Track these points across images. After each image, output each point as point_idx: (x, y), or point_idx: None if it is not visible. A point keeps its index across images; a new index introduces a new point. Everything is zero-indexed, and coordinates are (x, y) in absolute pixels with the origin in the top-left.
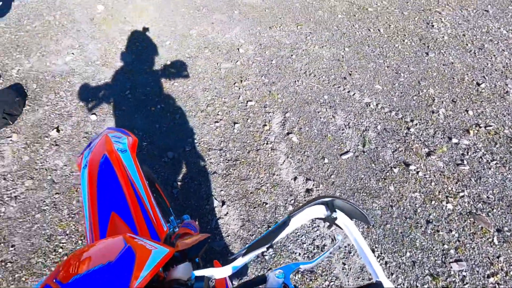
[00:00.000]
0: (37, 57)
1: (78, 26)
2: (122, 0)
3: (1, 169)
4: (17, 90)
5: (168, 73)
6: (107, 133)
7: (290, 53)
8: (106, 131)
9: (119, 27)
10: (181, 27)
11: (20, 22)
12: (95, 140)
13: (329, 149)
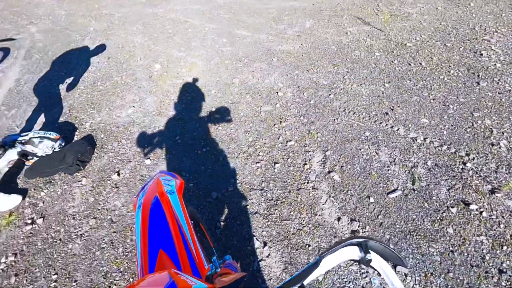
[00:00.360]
0: (106, 111)
1: (139, 83)
2: (175, 58)
3: (71, 209)
4: (88, 140)
5: (213, 118)
6: (158, 176)
7: (328, 92)
8: (158, 175)
9: (172, 81)
10: (225, 77)
11: (94, 83)
12: (149, 183)
13: (375, 188)
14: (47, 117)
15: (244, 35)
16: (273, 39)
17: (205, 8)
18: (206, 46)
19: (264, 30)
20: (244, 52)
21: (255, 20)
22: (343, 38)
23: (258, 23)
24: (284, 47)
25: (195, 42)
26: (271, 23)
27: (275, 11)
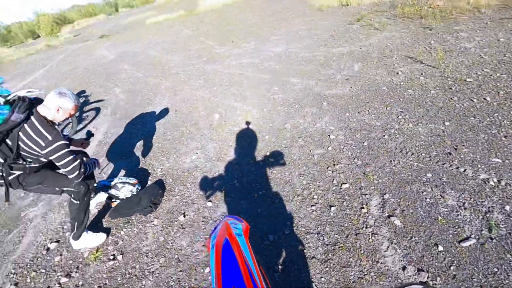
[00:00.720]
0: (174, 158)
1: (201, 131)
2: (232, 108)
3: (145, 247)
4: (159, 184)
5: (268, 162)
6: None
7: (382, 133)
8: (226, 218)
9: (230, 129)
10: (277, 122)
11: (164, 134)
12: (218, 226)
13: (443, 235)
14: (127, 165)
15: (294, 82)
16: (322, 84)
17: (257, 61)
18: (259, 95)
19: (313, 76)
20: (295, 98)
21: (304, 68)
22: (394, 78)
23: (307, 70)
24: (333, 91)
25: (249, 92)
26: (320, 69)
27: (323, 57)
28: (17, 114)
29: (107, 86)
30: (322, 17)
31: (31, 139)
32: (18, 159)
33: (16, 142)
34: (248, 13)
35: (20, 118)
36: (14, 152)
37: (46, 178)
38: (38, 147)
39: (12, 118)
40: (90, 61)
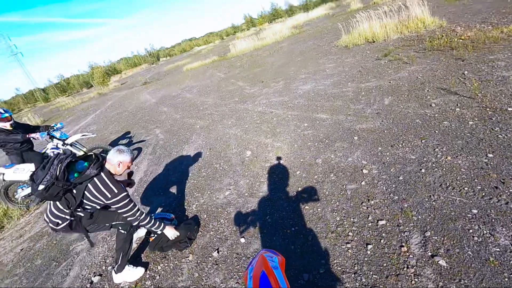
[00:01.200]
0: (208, 194)
1: (234, 168)
2: (263, 144)
3: (180, 283)
4: (195, 220)
5: (300, 198)
6: (263, 253)
7: (419, 167)
8: (262, 252)
9: (261, 165)
10: (308, 158)
11: (199, 171)
12: (255, 259)
13: (497, 277)
14: (164, 200)
15: (323, 118)
16: (352, 119)
17: (286, 99)
18: (289, 131)
19: (342, 111)
20: (325, 133)
21: (333, 104)
22: (428, 111)
23: (336, 106)
24: (364, 125)
25: (279, 129)
26: (349, 104)
27: (351, 93)
28: (92, 170)
29: (148, 128)
30: (348, 54)
31: (99, 191)
32: (78, 207)
33: (82, 192)
34: (276, 56)
35: (94, 173)
36: (77, 201)
37: (98, 217)
38: (104, 197)
39: (87, 172)
40: (134, 106)
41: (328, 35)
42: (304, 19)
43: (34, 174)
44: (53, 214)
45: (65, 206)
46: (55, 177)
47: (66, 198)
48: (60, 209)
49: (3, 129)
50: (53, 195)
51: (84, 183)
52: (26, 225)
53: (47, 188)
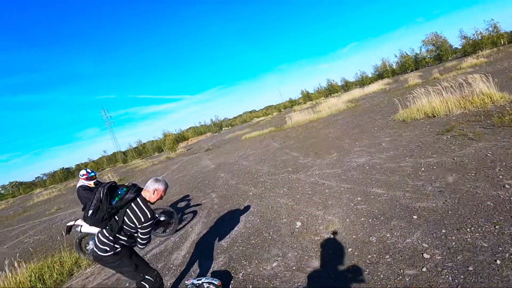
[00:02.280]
0: (255, 264)
1: (283, 239)
2: (313, 216)
3: None
4: None
5: (350, 278)
6: None
7: (492, 257)
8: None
9: (311, 238)
10: (361, 235)
11: (248, 238)
12: None
13: None
14: (213, 265)
15: (378, 193)
16: (411, 196)
17: (340, 171)
18: (341, 205)
19: (400, 187)
20: (380, 209)
21: (389, 178)
22: (501, 192)
23: (392, 181)
24: (424, 204)
25: (331, 201)
26: (407, 180)
27: (410, 168)
28: (130, 194)
29: (205, 191)
30: (406, 129)
31: (135, 214)
32: (120, 232)
33: (122, 217)
34: (331, 128)
35: (131, 197)
36: (119, 224)
37: (138, 261)
38: (138, 221)
39: (126, 196)
40: (196, 170)
41: (384, 110)
42: (360, 93)
43: (85, 205)
44: (101, 241)
45: (109, 232)
46: (99, 200)
47: (111, 224)
48: (106, 236)
49: (88, 187)
50: (99, 219)
51: (124, 208)
52: (91, 275)
53: (94, 213)
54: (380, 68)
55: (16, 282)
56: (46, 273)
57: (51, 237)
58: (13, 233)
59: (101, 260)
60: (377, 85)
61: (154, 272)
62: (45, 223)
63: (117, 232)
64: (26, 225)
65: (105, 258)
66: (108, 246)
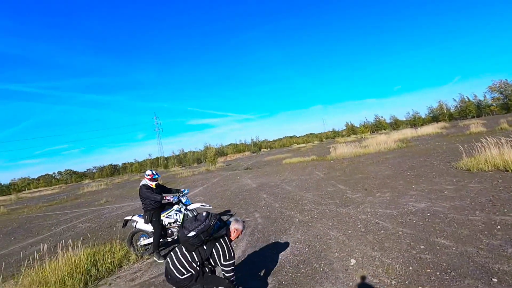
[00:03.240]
0: None
1: (336, 274)
2: (370, 257)
3: None
4: None
5: None
6: None
7: None
8: None
9: (369, 279)
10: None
11: (297, 266)
12: None
13: None
14: (261, 286)
15: (445, 244)
16: (487, 255)
17: (395, 213)
18: (401, 250)
19: (471, 243)
20: (449, 263)
21: (456, 231)
22: None
23: (461, 234)
24: (505, 267)
25: (388, 244)
26: (479, 236)
27: (481, 223)
28: (223, 230)
29: (247, 210)
30: (472, 179)
31: (223, 251)
32: (204, 262)
33: (211, 249)
34: (380, 166)
35: (223, 234)
36: (208, 254)
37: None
38: (223, 258)
39: (220, 231)
40: (236, 187)
41: (443, 155)
42: (412, 134)
43: (184, 222)
44: (181, 263)
45: (197, 257)
46: (208, 227)
47: (199, 251)
48: (189, 260)
49: (150, 187)
50: (195, 244)
51: (213, 241)
52: (138, 270)
53: (196, 236)
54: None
55: (73, 262)
56: (99, 260)
57: (101, 227)
58: (66, 217)
59: (176, 281)
60: (431, 127)
61: (225, 281)
62: (94, 213)
63: (204, 261)
64: (77, 211)
65: (180, 280)
66: (187, 270)
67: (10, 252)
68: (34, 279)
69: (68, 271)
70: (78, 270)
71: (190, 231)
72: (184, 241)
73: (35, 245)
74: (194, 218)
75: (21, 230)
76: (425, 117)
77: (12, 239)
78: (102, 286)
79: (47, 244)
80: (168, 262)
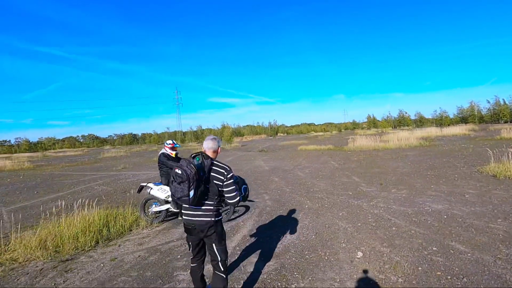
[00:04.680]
0: (308, 280)
1: (341, 264)
2: (378, 252)
3: None
4: None
5: None
6: None
7: None
8: None
9: (374, 274)
10: None
11: (302, 252)
12: None
13: None
14: (264, 267)
15: (460, 249)
16: (505, 266)
17: (410, 211)
18: (412, 249)
19: (489, 251)
20: (462, 269)
21: (474, 237)
22: None
23: (478, 241)
24: None
25: (399, 241)
26: (498, 245)
27: (502, 232)
28: (206, 161)
29: (258, 191)
30: (498, 186)
31: (219, 172)
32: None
33: (211, 181)
34: (399, 162)
35: (209, 163)
36: (216, 189)
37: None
38: (223, 175)
39: (205, 165)
40: (249, 167)
41: (468, 157)
42: (437, 133)
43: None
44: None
45: (212, 198)
46: (194, 179)
47: (207, 192)
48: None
49: (169, 155)
50: (199, 196)
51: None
52: (147, 236)
53: (195, 193)
54: (466, 111)
55: (87, 220)
56: (111, 221)
57: (116, 191)
58: (85, 178)
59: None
60: (459, 128)
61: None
62: (112, 177)
63: (218, 196)
64: (96, 174)
65: (212, 224)
66: (214, 212)
67: (32, 204)
68: (50, 232)
69: (82, 228)
70: (91, 229)
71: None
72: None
73: (55, 201)
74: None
75: (44, 185)
76: (453, 117)
77: (35, 193)
78: (111, 246)
79: (65, 201)
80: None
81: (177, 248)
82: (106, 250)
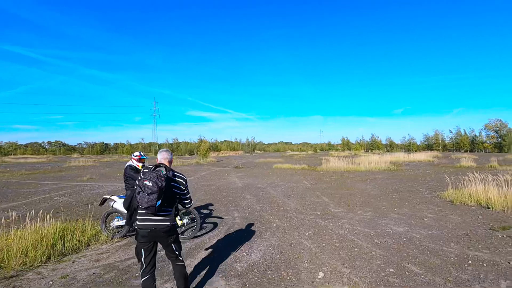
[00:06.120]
0: None
1: (302, 285)
2: (339, 273)
3: None
4: None
5: None
6: None
7: None
8: None
9: None
10: None
11: (265, 271)
12: None
13: None
14: (223, 286)
15: (414, 271)
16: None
17: (373, 233)
18: (370, 270)
19: (441, 273)
20: None
21: (428, 259)
22: None
23: (432, 263)
24: None
25: (359, 262)
26: (450, 268)
27: (454, 256)
28: (168, 172)
29: (228, 208)
30: (454, 211)
31: (179, 182)
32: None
33: (171, 190)
34: (368, 185)
35: (171, 174)
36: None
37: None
38: (182, 184)
39: (169, 175)
40: (222, 183)
41: (430, 183)
42: (404, 158)
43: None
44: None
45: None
46: (162, 188)
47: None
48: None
49: (135, 167)
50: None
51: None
52: (105, 252)
53: (161, 201)
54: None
55: (40, 234)
56: (67, 235)
57: (78, 202)
58: (46, 187)
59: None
60: (424, 155)
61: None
62: (75, 188)
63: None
64: (58, 184)
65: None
66: (171, 217)
67: None
68: None
69: (33, 242)
70: (43, 243)
71: (155, 201)
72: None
73: (7, 211)
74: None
75: None
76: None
77: None
78: (64, 262)
79: (20, 212)
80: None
81: (136, 265)
82: (58, 266)
